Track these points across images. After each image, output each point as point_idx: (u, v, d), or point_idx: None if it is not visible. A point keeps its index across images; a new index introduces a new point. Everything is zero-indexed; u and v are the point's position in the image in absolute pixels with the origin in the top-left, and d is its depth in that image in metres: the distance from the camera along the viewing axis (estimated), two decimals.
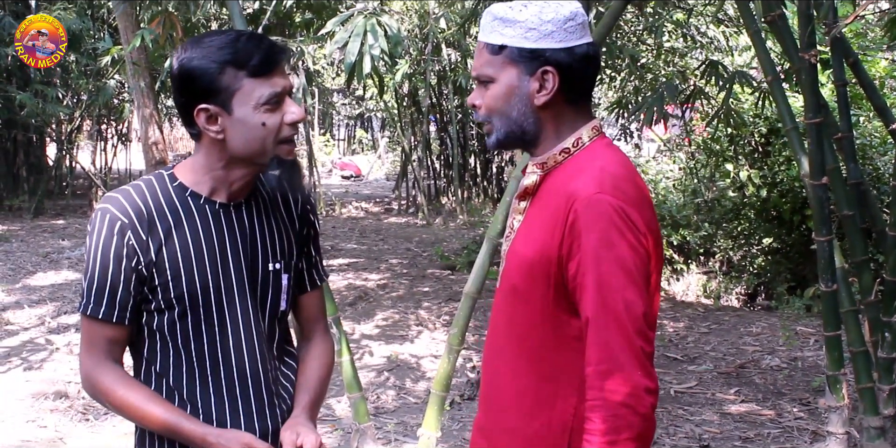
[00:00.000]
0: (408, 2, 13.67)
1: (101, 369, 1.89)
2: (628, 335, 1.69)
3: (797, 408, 5.39)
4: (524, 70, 1.81)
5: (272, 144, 1.85)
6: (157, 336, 1.91)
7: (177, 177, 1.92)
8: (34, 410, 5.37)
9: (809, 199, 4.14)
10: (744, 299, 9.18)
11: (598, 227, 1.71)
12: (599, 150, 1.85)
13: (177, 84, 1.84)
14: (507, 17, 1.81)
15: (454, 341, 3.88)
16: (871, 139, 8.25)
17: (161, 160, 9.73)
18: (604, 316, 1.69)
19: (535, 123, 1.85)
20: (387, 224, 14.37)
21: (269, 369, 2.00)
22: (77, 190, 17.14)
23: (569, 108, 1.85)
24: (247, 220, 1.95)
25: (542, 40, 1.79)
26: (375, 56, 4.29)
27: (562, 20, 1.80)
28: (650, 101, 5.91)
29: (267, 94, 1.81)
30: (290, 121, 1.86)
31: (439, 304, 8.09)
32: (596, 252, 1.70)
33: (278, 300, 2.00)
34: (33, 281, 9.10)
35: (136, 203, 1.86)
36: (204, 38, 1.84)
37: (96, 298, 1.86)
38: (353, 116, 28.08)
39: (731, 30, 10.05)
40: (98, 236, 1.84)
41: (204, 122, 1.83)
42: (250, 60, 1.79)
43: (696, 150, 10.18)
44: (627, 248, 1.71)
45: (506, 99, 1.84)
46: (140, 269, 1.85)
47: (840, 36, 4.18)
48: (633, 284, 1.70)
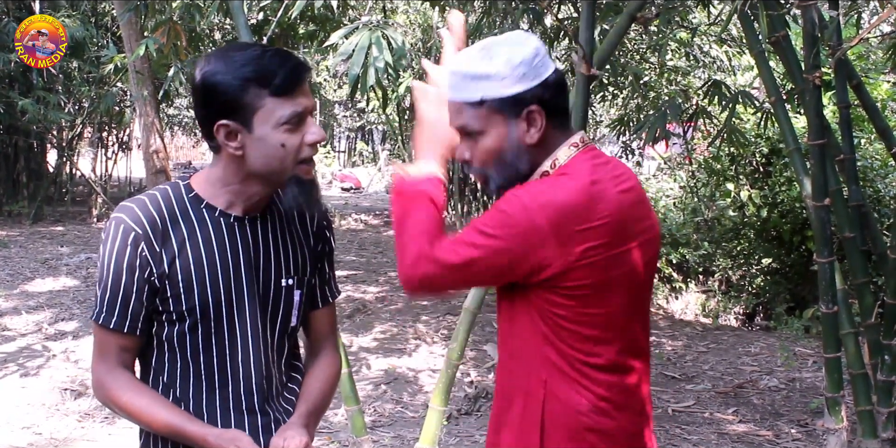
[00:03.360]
0: (411, 15, 13.70)
1: (111, 376, 1.89)
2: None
3: (795, 429, 5.37)
4: (510, 115, 1.83)
5: (291, 164, 1.84)
6: (167, 346, 1.90)
7: (192, 188, 1.92)
8: (30, 417, 5.35)
9: (811, 220, 4.15)
10: (742, 319, 9.18)
11: (495, 206, 1.82)
12: (574, 165, 1.85)
13: (198, 97, 1.83)
14: (478, 72, 1.81)
15: (453, 356, 3.88)
16: (872, 161, 8.27)
17: (161, 168, 9.75)
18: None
19: (528, 161, 1.87)
20: (386, 237, 14.36)
21: (276, 384, 2.00)
22: (77, 197, 17.13)
23: (553, 133, 1.87)
24: (261, 235, 1.94)
25: (519, 84, 1.81)
26: (380, 69, 4.30)
27: (529, 59, 1.81)
28: (653, 119, 5.91)
29: (288, 113, 1.80)
30: (310, 141, 1.85)
31: (438, 317, 8.07)
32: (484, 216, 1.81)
33: (289, 316, 2.00)
34: (31, 287, 9.08)
35: (150, 214, 1.85)
36: (229, 51, 1.82)
37: (108, 308, 1.85)
38: (354, 128, 28.13)
39: (733, 49, 10.08)
40: (112, 246, 1.84)
41: (223, 137, 1.82)
42: (274, 79, 1.78)
43: (697, 169, 10.20)
44: (496, 223, 1.78)
45: (498, 149, 1.86)
46: (153, 280, 1.84)
47: (844, 58, 4.20)
48: (479, 236, 1.79)
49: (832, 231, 4.20)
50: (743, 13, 4.35)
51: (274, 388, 1.99)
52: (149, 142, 9.62)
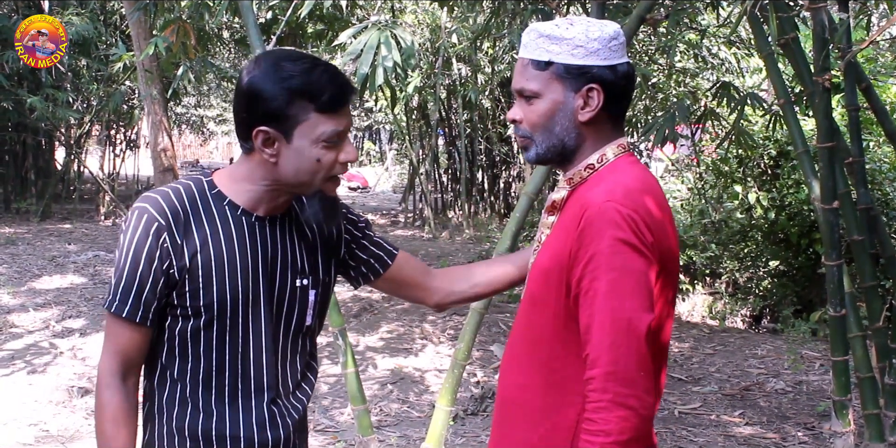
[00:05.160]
0: (420, 15, 13.71)
1: (113, 389, 1.88)
2: (631, 338, 1.69)
3: (802, 432, 5.36)
4: (570, 86, 1.83)
5: (321, 180, 1.86)
6: (178, 341, 1.90)
7: (216, 185, 1.92)
8: (37, 414, 5.37)
9: (819, 223, 4.14)
10: (749, 321, 9.16)
11: (605, 233, 1.72)
12: (621, 165, 1.87)
13: (243, 101, 1.83)
14: (554, 34, 1.82)
15: (460, 356, 3.87)
16: (880, 164, 8.24)
17: (169, 166, 9.77)
18: (609, 320, 1.70)
19: (575, 139, 1.86)
20: (393, 236, 14.37)
21: (288, 384, 2.00)
22: (84, 194, 17.18)
23: (606, 125, 1.87)
24: (279, 235, 1.95)
25: (588, 58, 1.81)
26: (388, 68, 4.30)
27: (606, 39, 1.82)
28: (661, 121, 5.90)
29: (329, 131, 1.82)
30: (344, 160, 1.87)
31: (444, 318, 8.07)
32: (602, 258, 1.71)
33: (304, 316, 2.00)
34: (39, 284, 9.11)
35: (174, 205, 1.86)
36: (280, 60, 1.82)
37: (122, 296, 1.85)
38: (362, 128, 28.15)
39: (742, 51, 10.07)
40: (133, 235, 1.83)
41: (261, 143, 1.83)
42: (322, 96, 1.79)
43: (705, 171, 10.18)
44: (634, 255, 1.72)
45: (550, 114, 1.85)
46: (172, 272, 1.84)
47: (853, 60, 4.19)
48: (638, 290, 1.72)
49: (840, 234, 4.19)
50: (752, 15, 4.34)
51: (283, 387, 1.99)
52: (157, 140, 9.65)
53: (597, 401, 1.69)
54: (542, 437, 1.86)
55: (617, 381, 1.68)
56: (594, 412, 1.69)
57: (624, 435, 1.67)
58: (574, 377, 1.81)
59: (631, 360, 1.69)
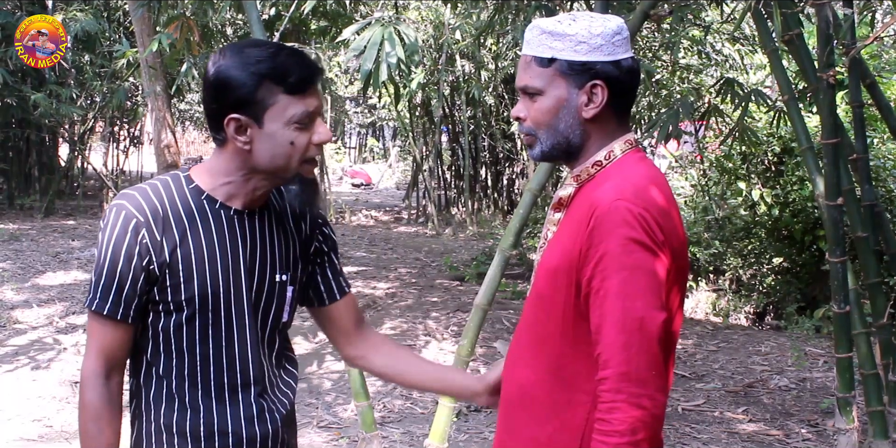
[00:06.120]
0: (423, 12, 13.70)
1: (95, 390, 1.89)
2: (643, 338, 1.70)
3: (805, 429, 5.36)
4: (573, 83, 1.82)
5: (297, 162, 1.86)
6: (162, 338, 1.90)
7: (193, 179, 1.92)
8: (41, 410, 5.38)
9: (824, 219, 4.13)
10: (753, 318, 9.15)
11: (616, 232, 1.71)
12: (629, 162, 1.86)
13: (211, 91, 1.84)
14: (557, 30, 1.82)
15: (464, 352, 3.87)
16: (885, 161, 8.22)
17: (173, 163, 9.77)
18: (621, 320, 1.70)
19: (581, 136, 1.86)
20: (396, 233, 14.37)
21: (271, 375, 2.01)
22: (88, 191, 17.17)
23: (612, 121, 1.87)
24: (258, 229, 1.95)
25: (592, 53, 1.81)
26: (392, 65, 4.30)
27: (610, 34, 1.81)
28: (665, 117, 5.89)
29: (300, 112, 1.82)
30: (317, 141, 1.87)
31: (448, 314, 8.07)
32: (613, 257, 1.71)
33: (281, 311, 2.01)
34: (42, 280, 9.12)
35: (152, 202, 1.86)
36: (244, 47, 1.84)
37: (103, 294, 1.85)
38: (365, 125, 28.12)
39: (746, 48, 10.05)
40: (111, 232, 1.84)
41: (233, 131, 1.83)
42: (289, 77, 1.80)
43: (709, 168, 10.17)
44: (646, 254, 1.71)
45: (554, 112, 1.84)
46: (152, 268, 1.84)
47: (857, 57, 4.18)
48: (650, 289, 1.71)
49: (844, 231, 4.18)
50: (756, 11, 4.34)
51: (267, 380, 2.00)
52: (160, 137, 9.64)
53: (610, 401, 1.69)
54: (552, 436, 1.85)
55: (630, 381, 1.68)
56: (607, 412, 1.69)
57: (637, 435, 1.67)
58: (582, 375, 1.81)
59: (643, 360, 1.69)
